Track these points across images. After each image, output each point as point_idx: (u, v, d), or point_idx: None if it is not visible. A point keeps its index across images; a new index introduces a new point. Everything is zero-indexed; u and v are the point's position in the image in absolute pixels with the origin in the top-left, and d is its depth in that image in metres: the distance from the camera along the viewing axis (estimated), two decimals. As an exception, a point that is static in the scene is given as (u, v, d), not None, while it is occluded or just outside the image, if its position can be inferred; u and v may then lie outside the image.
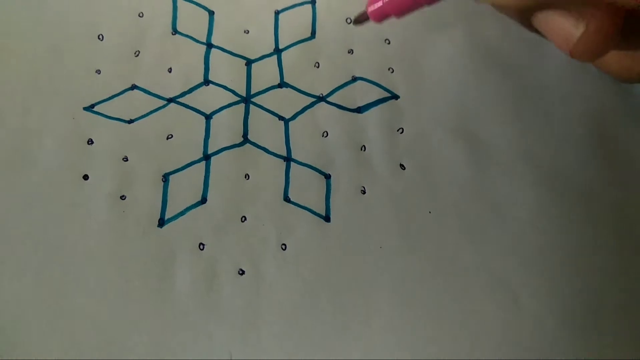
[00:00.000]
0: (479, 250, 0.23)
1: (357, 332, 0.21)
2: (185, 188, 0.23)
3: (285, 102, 0.25)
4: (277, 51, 0.25)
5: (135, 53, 0.25)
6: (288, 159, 0.24)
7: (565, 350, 0.21)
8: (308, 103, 0.25)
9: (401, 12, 0.20)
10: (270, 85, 0.25)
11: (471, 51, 0.26)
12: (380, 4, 0.20)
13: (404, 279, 0.22)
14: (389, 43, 0.26)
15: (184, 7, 0.26)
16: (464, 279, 0.22)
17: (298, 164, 0.24)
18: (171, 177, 0.23)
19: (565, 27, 0.17)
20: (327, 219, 0.23)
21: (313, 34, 0.26)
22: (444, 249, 0.23)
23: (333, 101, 0.25)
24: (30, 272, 0.22)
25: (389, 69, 0.25)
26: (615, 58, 0.23)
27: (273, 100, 0.25)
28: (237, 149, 0.24)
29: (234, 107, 0.24)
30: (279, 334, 0.21)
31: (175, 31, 0.25)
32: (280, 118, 0.24)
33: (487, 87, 0.25)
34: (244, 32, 0.26)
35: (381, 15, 0.20)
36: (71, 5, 0.25)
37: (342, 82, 0.25)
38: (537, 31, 0.19)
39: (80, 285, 0.22)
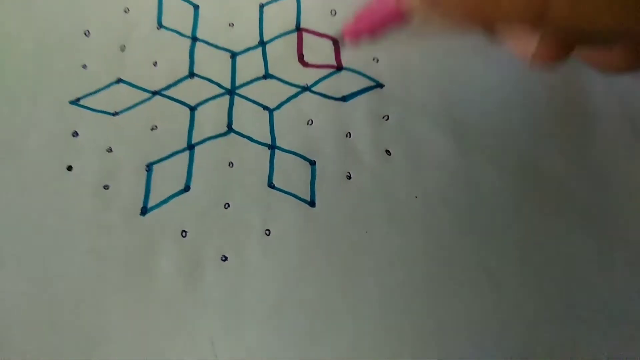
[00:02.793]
0: (462, 235, 0.22)
1: (343, 318, 0.21)
2: (168, 177, 0.23)
3: (270, 93, 0.25)
4: (262, 44, 0.25)
5: (121, 48, 0.25)
6: (272, 146, 0.23)
7: (544, 336, 0.21)
8: (293, 93, 0.24)
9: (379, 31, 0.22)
10: (255, 77, 0.25)
11: (455, 41, 0.26)
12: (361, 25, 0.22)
13: (390, 264, 0.22)
14: (373, 34, 0.26)
15: (169, 2, 0.26)
16: (447, 264, 0.22)
17: (283, 151, 0.23)
18: (155, 166, 0.23)
19: (520, 42, 0.18)
20: (312, 204, 0.23)
21: (297, 26, 0.26)
22: (429, 234, 0.22)
23: (318, 91, 0.25)
24: (14, 261, 0.22)
25: (373, 59, 0.25)
26: (595, 54, 0.23)
27: (258, 91, 0.25)
28: (221, 138, 0.24)
29: (218, 99, 0.24)
30: (262, 321, 0.21)
31: (160, 26, 0.26)
32: (265, 108, 0.24)
33: (471, 76, 0.25)
34: (229, 25, 0.26)
35: (358, 36, 0.22)
36: (58, 2, 0.26)
37: (327, 73, 0.25)
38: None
39: (62, 274, 0.21)
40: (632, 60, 0.22)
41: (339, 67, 0.25)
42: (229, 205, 0.22)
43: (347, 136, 0.24)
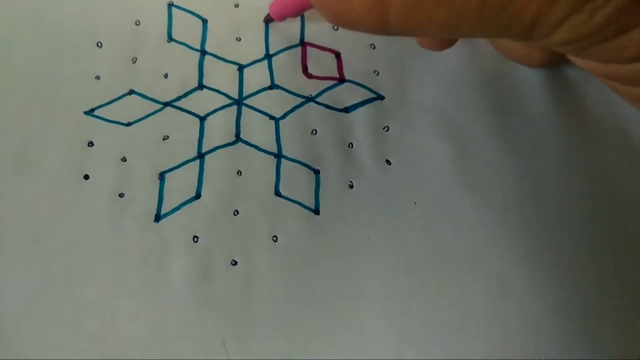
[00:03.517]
0: (464, 237, 0.24)
1: (347, 320, 0.22)
2: (180, 185, 0.24)
3: (276, 102, 0.26)
4: (268, 56, 0.27)
5: (132, 60, 0.26)
6: (279, 155, 0.25)
7: (552, 333, 0.22)
8: (298, 103, 0.26)
9: (294, 13, 0.26)
10: (261, 87, 0.26)
11: (453, 52, 0.27)
12: (277, 7, 0.26)
13: (392, 268, 0.23)
14: (374, 48, 0.27)
15: (178, 16, 0.27)
16: (450, 266, 0.23)
17: (288, 160, 0.25)
18: (167, 175, 0.24)
19: None
20: (316, 212, 0.24)
21: (302, 40, 0.27)
22: (430, 238, 0.24)
23: (322, 101, 0.26)
24: (36, 267, 0.23)
25: (374, 72, 0.27)
26: (515, 48, 0.25)
27: (264, 101, 0.26)
28: (230, 147, 0.25)
29: (227, 109, 0.26)
30: (270, 322, 0.22)
31: (170, 39, 0.27)
32: (271, 117, 0.25)
33: (470, 86, 0.26)
34: (236, 39, 0.27)
35: (280, 16, 0.26)
36: (71, 14, 0.27)
37: (330, 85, 0.26)
38: None
39: (81, 279, 0.23)
40: (550, 54, 0.23)
41: (341, 80, 0.26)
42: (238, 212, 0.24)
43: (349, 146, 0.25)
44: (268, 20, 0.27)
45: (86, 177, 0.24)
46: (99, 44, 0.27)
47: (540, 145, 0.25)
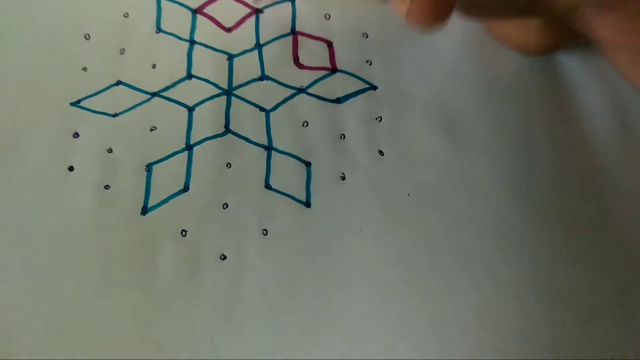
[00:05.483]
0: (457, 229, 0.23)
1: (338, 313, 0.22)
2: (168, 177, 0.23)
3: (266, 94, 0.25)
4: (258, 46, 0.26)
5: (120, 51, 0.26)
6: (269, 147, 0.24)
7: (544, 325, 0.22)
8: (288, 95, 0.25)
9: None
10: (251, 78, 0.25)
11: (447, 42, 0.27)
12: None
13: (384, 261, 0.22)
14: (367, 37, 0.27)
15: (167, 7, 0.27)
16: (442, 258, 0.23)
17: (279, 152, 0.24)
18: (154, 167, 0.24)
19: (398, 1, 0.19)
20: (307, 204, 0.23)
21: (293, 30, 0.27)
22: (423, 230, 0.23)
23: (313, 92, 0.25)
24: (18, 261, 0.22)
25: (367, 62, 0.26)
26: (511, 34, 0.25)
27: (254, 92, 0.25)
28: (219, 139, 0.24)
29: (216, 99, 0.25)
30: (261, 317, 0.21)
31: (159, 30, 0.26)
32: (262, 109, 0.25)
33: (463, 76, 0.26)
34: (226, 29, 0.26)
35: None
36: (59, 7, 0.26)
37: (322, 75, 0.26)
38: None
39: (65, 273, 0.22)
40: (547, 39, 0.23)
41: (333, 70, 0.26)
42: (227, 206, 0.23)
43: (341, 138, 0.25)
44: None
45: (71, 168, 0.24)
46: (87, 36, 0.26)
47: (534, 137, 0.25)
